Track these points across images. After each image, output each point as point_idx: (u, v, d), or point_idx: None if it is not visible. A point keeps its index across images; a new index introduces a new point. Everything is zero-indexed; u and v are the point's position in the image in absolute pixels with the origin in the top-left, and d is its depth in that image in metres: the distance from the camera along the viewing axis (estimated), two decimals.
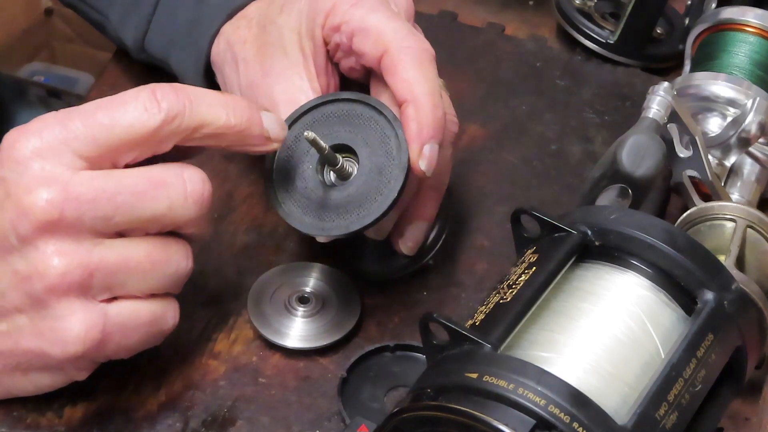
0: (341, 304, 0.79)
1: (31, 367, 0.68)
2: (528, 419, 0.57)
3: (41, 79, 1.85)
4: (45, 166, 0.64)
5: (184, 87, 0.67)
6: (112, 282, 0.65)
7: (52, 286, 0.64)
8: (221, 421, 0.73)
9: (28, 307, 0.65)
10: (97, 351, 0.66)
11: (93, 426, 0.72)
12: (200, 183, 0.67)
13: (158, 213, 0.66)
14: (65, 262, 0.64)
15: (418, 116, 0.71)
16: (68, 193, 0.63)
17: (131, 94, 0.65)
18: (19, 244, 0.64)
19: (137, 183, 0.65)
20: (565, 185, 0.90)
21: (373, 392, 0.75)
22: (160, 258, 0.67)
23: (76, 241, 0.64)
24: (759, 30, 0.89)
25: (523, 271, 0.66)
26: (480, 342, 0.61)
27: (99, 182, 0.64)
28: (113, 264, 0.65)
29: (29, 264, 0.64)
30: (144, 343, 0.69)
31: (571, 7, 1.03)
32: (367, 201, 0.71)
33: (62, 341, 0.65)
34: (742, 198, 0.84)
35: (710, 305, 0.64)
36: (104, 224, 0.65)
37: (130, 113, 0.65)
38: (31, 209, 0.63)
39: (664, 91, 0.80)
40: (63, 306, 0.64)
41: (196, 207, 0.66)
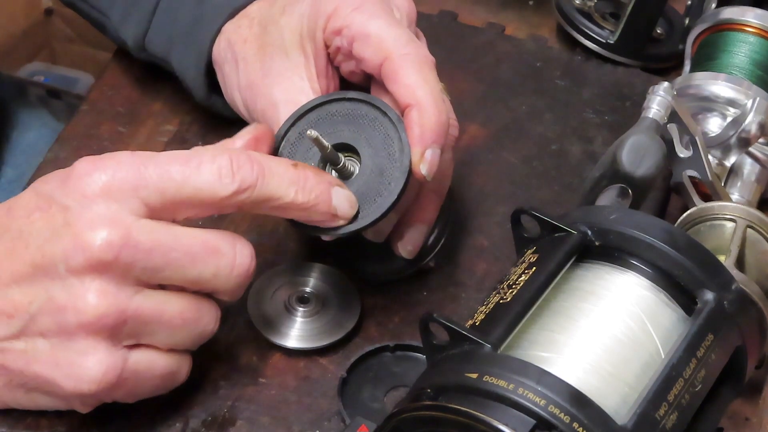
0: (341, 304, 0.79)
1: (36, 389, 0.68)
2: (528, 419, 0.57)
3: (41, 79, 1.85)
4: (111, 207, 0.65)
5: (259, 158, 0.67)
6: (141, 331, 0.66)
7: (86, 324, 0.64)
8: (221, 421, 0.73)
9: (53, 335, 0.65)
10: (108, 393, 0.67)
11: (93, 426, 0.72)
12: (248, 258, 0.68)
13: (204, 277, 0.67)
14: (105, 304, 0.64)
15: (421, 120, 0.71)
16: (129, 239, 0.64)
17: (209, 157, 0.66)
18: (65, 274, 0.64)
19: (193, 244, 0.66)
20: (565, 185, 0.90)
21: (373, 392, 0.75)
22: (192, 317, 0.68)
23: (121, 286, 0.65)
24: (759, 30, 0.89)
25: (523, 271, 0.66)
26: (480, 342, 0.61)
27: (158, 235, 0.65)
28: (148, 315, 0.66)
29: (69, 296, 0.64)
30: (152, 392, 0.70)
31: (571, 7, 1.03)
32: (367, 202, 0.71)
33: (77, 377, 0.65)
34: (742, 198, 0.84)
35: (710, 305, 0.64)
36: (151, 275, 0.65)
37: (204, 176, 0.66)
38: (90, 245, 0.64)
39: (664, 91, 0.80)
40: (89, 344, 0.65)
41: (239, 280, 0.68)
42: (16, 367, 0.67)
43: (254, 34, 0.80)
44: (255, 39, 0.79)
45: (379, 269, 0.80)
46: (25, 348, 0.66)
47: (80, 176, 0.65)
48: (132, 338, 0.66)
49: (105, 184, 0.65)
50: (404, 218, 0.77)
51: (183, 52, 0.85)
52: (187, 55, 0.85)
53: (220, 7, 0.83)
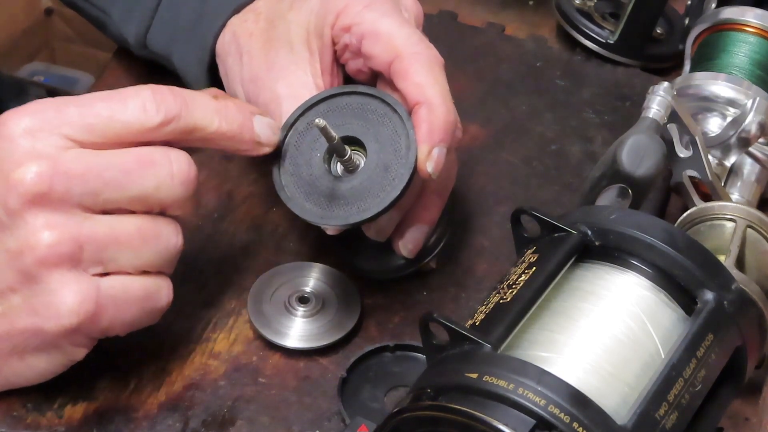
0: (341, 304, 0.79)
1: (27, 349, 0.68)
2: (528, 419, 0.57)
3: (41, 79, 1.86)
4: (35, 144, 0.65)
5: (181, 91, 0.69)
6: (103, 256, 0.66)
7: (42, 259, 0.64)
8: (221, 421, 0.73)
9: (20, 284, 0.66)
10: (92, 324, 0.66)
11: (93, 426, 0.72)
12: (186, 164, 0.68)
13: (146, 191, 0.67)
14: (55, 234, 0.65)
15: (430, 118, 0.72)
16: (57, 167, 0.65)
17: (132, 92, 0.67)
18: (8, 220, 0.65)
19: (125, 161, 0.66)
20: (565, 185, 0.90)
21: (373, 392, 0.75)
22: (150, 233, 0.68)
23: (65, 214, 0.65)
24: (759, 30, 0.89)
25: (523, 271, 0.66)
26: (480, 342, 0.61)
27: (88, 158, 0.66)
28: (103, 237, 0.66)
29: (19, 239, 0.65)
30: (139, 319, 0.69)
31: (571, 7, 1.03)
32: (370, 196, 0.71)
33: (56, 314, 0.65)
34: (742, 198, 0.84)
35: (710, 305, 0.64)
36: (93, 200, 0.66)
37: (129, 110, 0.67)
38: (21, 182, 0.64)
39: (664, 91, 0.80)
40: (55, 279, 0.65)
41: (182, 187, 0.68)
42: (2, 331, 0.67)
43: (260, 29, 0.80)
44: (261, 33, 0.80)
45: (379, 267, 0.80)
46: (3, 309, 0.66)
47: (2, 123, 0.66)
48: (97, 265, 0.66)
49: (26, 126, 0.66)
50: (406, 217, 0.77)
51: (185, 49, 0.85)
52: (189, 51, 0.85)
53: (225, 2, 0.83)
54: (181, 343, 0.76)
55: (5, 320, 0.67)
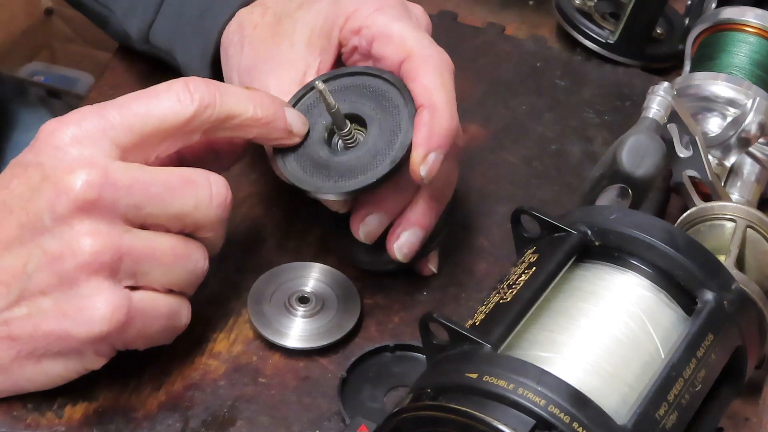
0: (341, 304, 0.79)
1: (47, 353, 0.68)
2: (528, 419, 0.57)
3: (41, 79, 1.86)
4: (84, 152, 0.66)
5: (214, 81, 0.70)
6: (138, 269, 0.67)
7: (83, 264, 0.65)
8: (221, 421, 0.73)
9: (54, 287, 0.66)
10: (119, 334, 0.68)
11: (93, 426, 0.72)
12: (224, 188, 0.70)
13: (185, 210, 0.68)
14: (99, 242, 0.66)
15: (431, 122, 0.72)
16: (107, 177, 0.66)
17: (164, 87, 0.69)
18: (52, 224, 0.66)
19: (169, 178, 0.68)
20: (565, 185, 0.90)
21: (373, 392, 0.75)
22: (182, 253, 0.69)
23: (110, 224, 0.66)
24: (759, 30, 0.89)
25: (523, 271, 0.66)
26: (480, 342, 0.61)
27: (135, 172, 0.67)
28: (141, 251, 0.67)
29: (62, 242, 0.66)
30: (160, 335, 0.71)
31: (571, 7, 1.03)
32: (351, 176, 0.72)
33: (88, 320, 0.66)
34: (742, 198, 0.84)
35: (710, 305, 0.64)
36: (135, 213, 0.67)
37: (164, 103, 0.68)
38: (71, 188, 0.65)
39: (664, 91, 0.80)
40: (92, 285, 0.66)
41: (218, 209, 0.69)
42: (24, 333, 0.67)
43: (266, 22, 0.80)
44: (266, 27, 0.80)
45: (375, 260, 0.80)
46: (29, 312, 0.67)
47: (48, 134, 0.68)
48: (130, 278, 0.67)
49: (74, 135, 0.67)
50: (401, 221, 0.77)
51: (189, 43, 0.85)
52: (193, 45, 0.85)
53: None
54: (181, 343, 0.76)
55: (29, 322, 0.67)
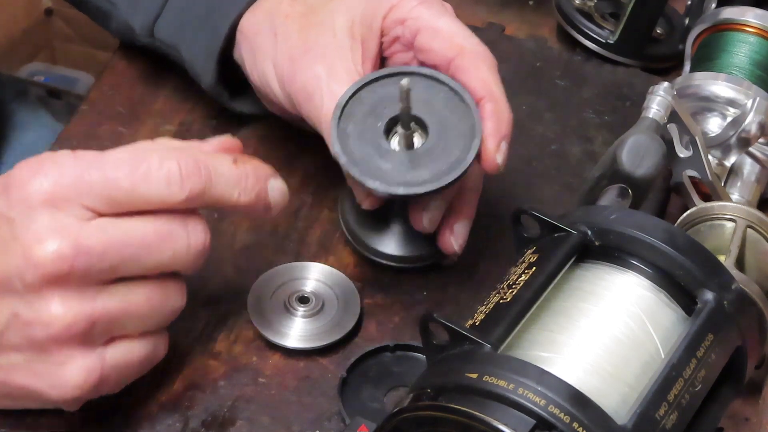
0: (341, 304, 0.79)
1: (22, 399, 0.68)
2: (528, 419, 0.57)
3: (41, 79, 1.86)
4: (56, 215, 0.64)
5: (205, 161, 0.67)
6: (112, 327, 0.66)
7: (55, 336, 0.64)
8: (221, 421, 0.73)
9: (25, 349, 0.65)
10: (94, 393, 0.67)
11: (93, 426, 0.72)
12: (202, 234, 0.68)
13: (162, 263, 0.67)
14: (71, 314, 0.64)
15: (497, 113, 0.74)
16: (79, 246, 0.63)
17: (156, 164, 0.65)
18: (23, 290, 0.64)
19: (145, 235, 0.65)
20: (565, 185, 0.90)
21: (373, 392, 0.75)
22: (158, 300, 0.68)
23: (81, 291, 0.64)
24: (759, 30, 0.89)
25: (523, 271, 0.66)
26: (480, 342, 0.61)
27: (108, 234, 0.64)
28: (115, 311, 0.66)
29: (33, 311, 0.64)
30: (135, 376, 0.70)
31: (571, 7, 1.03)
32: (429, 172, 0.73)
33: (61, 386, 0.65)
34: (742, 198, 0.84)
35: (710, 305, 0.64)
36: (109, 275, 0.65)
37: (153, 186, 0.65)
38: (41, 261, 0.63)
39: (664, 91, 0.80)
40: (63, 354, 0.65)
41: (196, 257, 0.68)
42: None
43: (298, 12, 0.80)
44: (299, 17, 0.80)
45: (406, 255, 0.81)
46: (1, 363, 0.66)
47: (21, 185, 0.64)
48: (104, 335, 0.66)
49: (47, 193, 0.64)
50: (452, 213, 0.79)
51: (196, 36, 0.85)
52: (200, 39, 0.85)
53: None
54: (181, 343, 0.76)
55: (3, 371, 0.66)
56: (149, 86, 0.94)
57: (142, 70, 0.95)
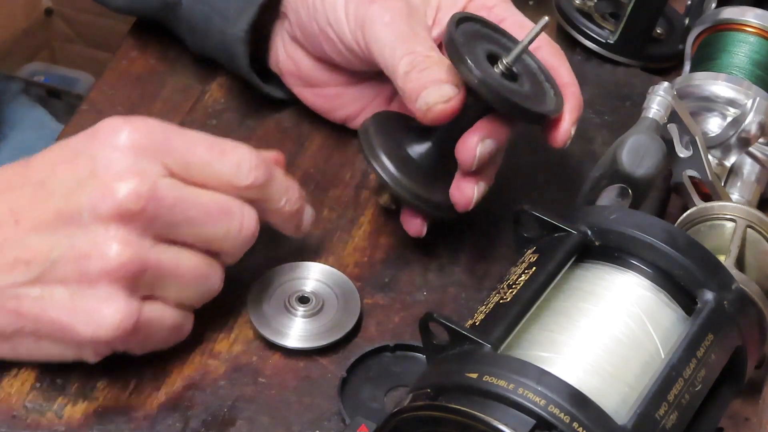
0: (341, 304, 0.79)
1: (48, 337, 0.69)
2: (528, 419, 0.57)
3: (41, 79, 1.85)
4: (138, 162, 0.67)
5: (267, 159, 0.73)
6: (157, 283, 0.69)
7: (108, 271, 0.66)
8: (221, 421, 0.73)
9: (73, 282, 0.67)
10: (122, 341, 0.69)
11: (93, 426, 0.72)
12: (255, 222, 0.72)
13: (216, 236, 0.70)
14: (129, 252, 0.67)
15: (577, 97, 0.79)
16: (155, 192, 0.67)
17: (231, 147, 0.71)
18: (89, 222, 0.66)
19: (209, 204, 0.70)
20: (565, 185, 0.90)
21: (373, 392, 0.75)
22: (202, 273, 0.71)
23: (142, 237, 0.67)
24: (759, 30, 0.89)
25: (523, 271, 0.66)
26: (480, 342, 0.61)
27: (181, 192, 0.68)
28: (165, 268, 0.69)
29: (93, 244, 0.67)
30: (158, 344, 0.73)
31: (571, 7, 1.03)
32: (530, 101, 0.76)
33: (96, 323, 0.67)
34: (742, 198, 0.84)
35: (710, 305, 0.64)
36: (169, 231, 0.68)
37: (225, 165, 0.70)
38: (118, 195, 0.66)
39: (664, 91, 0.80)
40: (109, 292, 0.67)
41: (244, 241, 0.72)
42: (31, 313, 0.68)
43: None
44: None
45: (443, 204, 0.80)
46: (42, 294, 0.68)
47: (111, 131, 0.68)
48: (147, 290, 0.69)
49: (135, 142, 0.68)
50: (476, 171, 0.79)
51: None
52: None
53: None
54: (181, 343, 0.76)
55: (39, 304, 0.68)
56: (149, 86, 0.94)
57: (142, 70, 0.95)
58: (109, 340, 0.68)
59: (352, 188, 0.88)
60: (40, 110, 1.22)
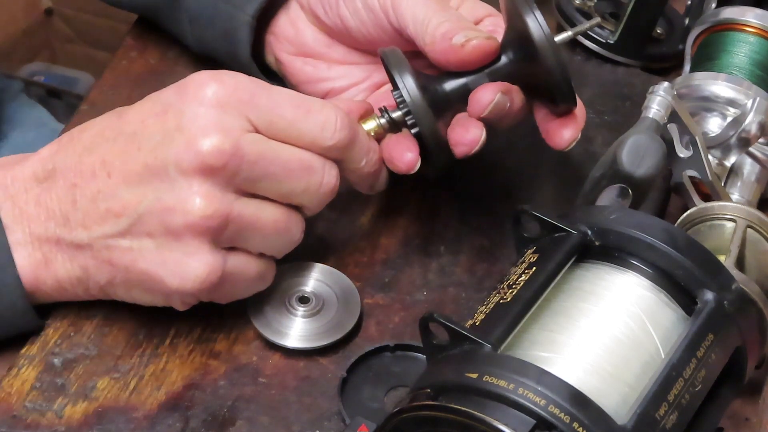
0: (341, 304, 0.79)
1: (138, 286, 0.72)
2: (528, 419, 0.57)
3: (41, 79, 1.86)
4: (223, 117, 0.69)
5: (352, 121, 0.74)
6: (239, 236, 0.71)
7: (192, 224, 0.69)
8: (221, 421, 0.73)
9: (159, 234, 0.69)
10: (208, 292, 0.71)
11: (93, 426, 0.72)
12: (335, 178, 0.73)
13: (295, 191, 0.72)
14: (212, 206, 0.69)
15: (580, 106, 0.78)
16: (238, 148, 0.69)
17: (318, 106, 0.72)
18: (174, 175, 0.69)
19: (290, 160, 0.71)
20: (565, 185, 0.90)
21: (373, 392, 0.75)
22: (283, 225, 0.73)
23: (224, 191, 0.69)
24: (759, 30, 0.89)
25: (523, 271, 0.66)
26: (480, 342, 0.61)
27: (262, 148, 0.70)
28: (246, 221, 0.70)
29: (178, 197, 0.69)
30: (243, 295, 0.75)
31: (571, 7, 1.03)
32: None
33: (183, 276, 0.70)
34: (742, 198, 0.84)
35: (710, 305, 0.64)
36: (250, 185, 0.70)
37: (310, 124, 0.72)
38: (201, 149, 0.68)
39: (664, 91, 0.80)
40: (194, 245, 0.69)
41: (324, 196, 0.73)
42: (121, 264, 0.71)
43: None
44: None
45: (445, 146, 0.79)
46: (131, 246, 0.70)
47: (199, 85, 0.70)
48: (230, 242, 0.71)
49: (221, 97, 0.69)
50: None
51: None
52: None
53: None
54: (181, 343, 0.76)
55: (129, 255, 0.70)
56: (149, 86, 0.94)
57: (142, 70, 0.95)
58: (195, 292, 0.70)
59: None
60: (41, 110, 1.22)
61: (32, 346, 0.76)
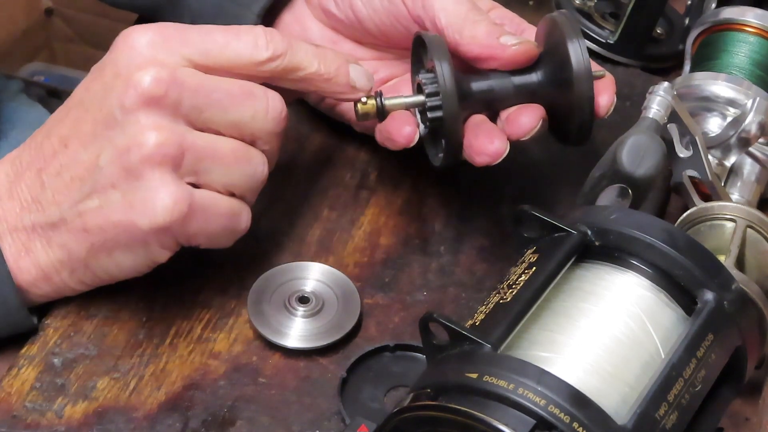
0: (341, 304, 0.79)
1: (117, 245, 0.72)
2: (528, 419, 0.57)
3: (41, 79, 1.85)
4: (157, 54, 0.71)
5: (288, 36, 0.75)
6: (199, 167, 0.71)
7: (148, 156, 0.69)
8: (221, 421, 0.73)
9: (122, 180, 0.70)
10: (181, 227, 0.71)
11: (93, 426, 0.72)
12: (279, 102, 0.74)
13: (243, 119, 0.73)
14: (162, 135, 0.70)
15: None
16: (175, 77, 0.70)
17: (245, 29, 0.74)
18: (121, 117, 0.70)
19: (232, 87, 0.72)
20: (565, 185, 0.90)
21: (373, 392, 0.75)
22: (242, 156, 0.73)
23: (173, 121, 0.70)
24: (759, 30, 0.89)
25: (523, 271, 0.66)
26: (480, 342, 0.61)
27: (201, 77, 0.72)
28: (202, 149, 0.71)
29: (129, 136, 0.70)
30: (221, 235, 0.75)
31: (571, 7, 1.03)
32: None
33: (152, 211, 0.70)
34: (742, 198, 0.84)
35: (710, 305, 0.64)
36: (197, 115, 0.71)
37: (243, 43, 0.73)
38: (140, 83, 0.70)
39: (664, 91, 0.80)
40: (156, 177, 0.70)
41: (273, 123, 0.74)
42: (95, 225, 0.71)
43: None
44: None
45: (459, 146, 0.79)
46: (100, 204, 0.71)
47: (126, 35, 0.72)
48: (192, 174, 0.71)
49: (151, 40, 0.72)
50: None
51: None
52: None
53: None
54: (181, 343, 0.77)
55: (101, 214, 0.71)
56: None
57: None
58: (168, 225, 0.70)
59: (352, 188, 0.88)
60: (41, 110, 1.21)
61: (32, 346, 0.76)
